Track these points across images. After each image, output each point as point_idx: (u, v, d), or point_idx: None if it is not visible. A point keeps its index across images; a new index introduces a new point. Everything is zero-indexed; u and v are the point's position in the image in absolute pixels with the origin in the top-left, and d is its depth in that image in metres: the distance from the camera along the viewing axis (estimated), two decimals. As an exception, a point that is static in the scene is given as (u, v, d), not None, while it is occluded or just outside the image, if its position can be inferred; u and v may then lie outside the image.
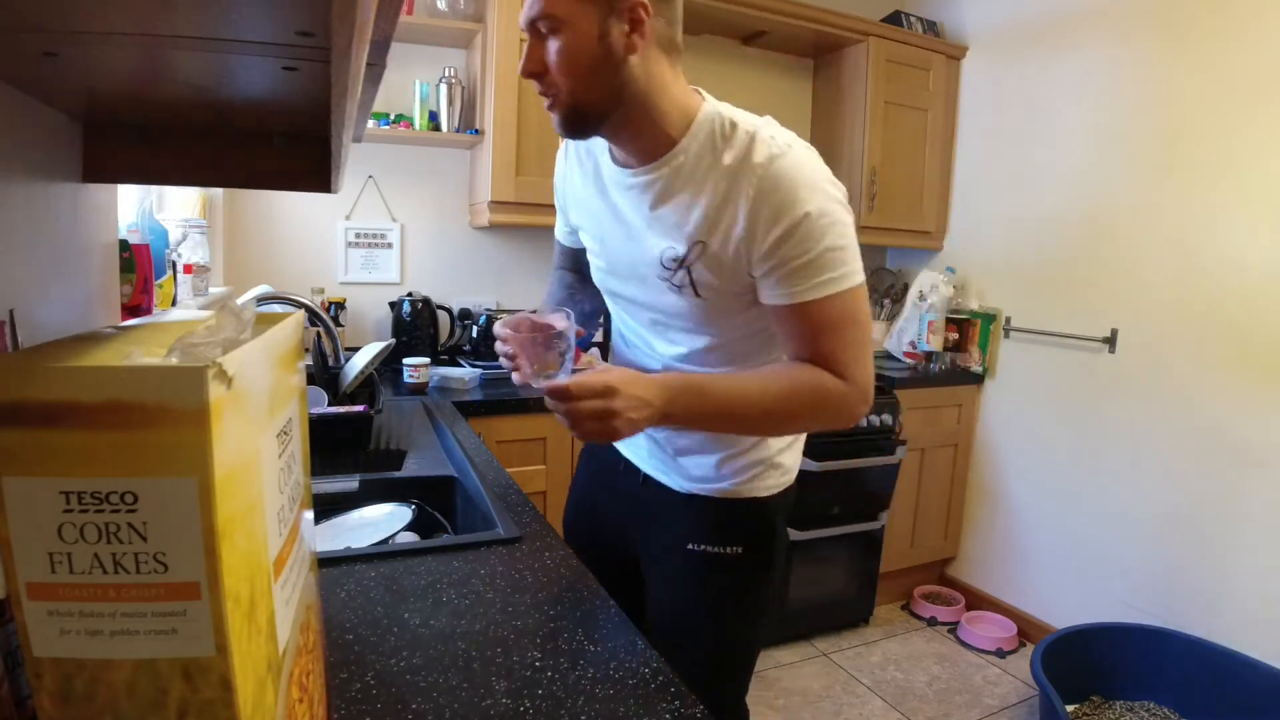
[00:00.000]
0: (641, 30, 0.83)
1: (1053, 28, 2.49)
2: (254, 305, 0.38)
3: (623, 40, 0.83)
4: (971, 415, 2.77)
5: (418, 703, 0.64)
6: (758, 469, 1.06)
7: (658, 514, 1.12)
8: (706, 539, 1.07)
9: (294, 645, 0.41)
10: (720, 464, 1.06)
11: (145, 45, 0.53)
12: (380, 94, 2.12)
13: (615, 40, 0.83)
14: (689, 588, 1.09)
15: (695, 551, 1.08)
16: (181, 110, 0.82)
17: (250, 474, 0.33)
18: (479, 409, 1.91)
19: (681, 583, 1.09)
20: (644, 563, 1.16)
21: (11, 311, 0.68)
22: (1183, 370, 2.15)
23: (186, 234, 1.63)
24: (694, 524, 1.08)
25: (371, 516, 1.20)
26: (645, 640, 0.76)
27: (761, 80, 2.85)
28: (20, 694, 0.46)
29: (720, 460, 1.06)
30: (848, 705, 2.15)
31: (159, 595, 0.30)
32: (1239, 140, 2.00)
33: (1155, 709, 2.02)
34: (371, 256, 2.37)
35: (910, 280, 2.96)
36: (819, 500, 2.37)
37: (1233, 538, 2.03)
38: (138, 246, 1.14)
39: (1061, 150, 2.47)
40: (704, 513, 1.08)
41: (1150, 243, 2.22)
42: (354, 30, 0.41)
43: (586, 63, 0.83)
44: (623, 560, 1.18)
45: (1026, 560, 2.60)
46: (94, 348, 0.32)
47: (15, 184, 0.72)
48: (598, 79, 0.84)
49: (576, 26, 0.82)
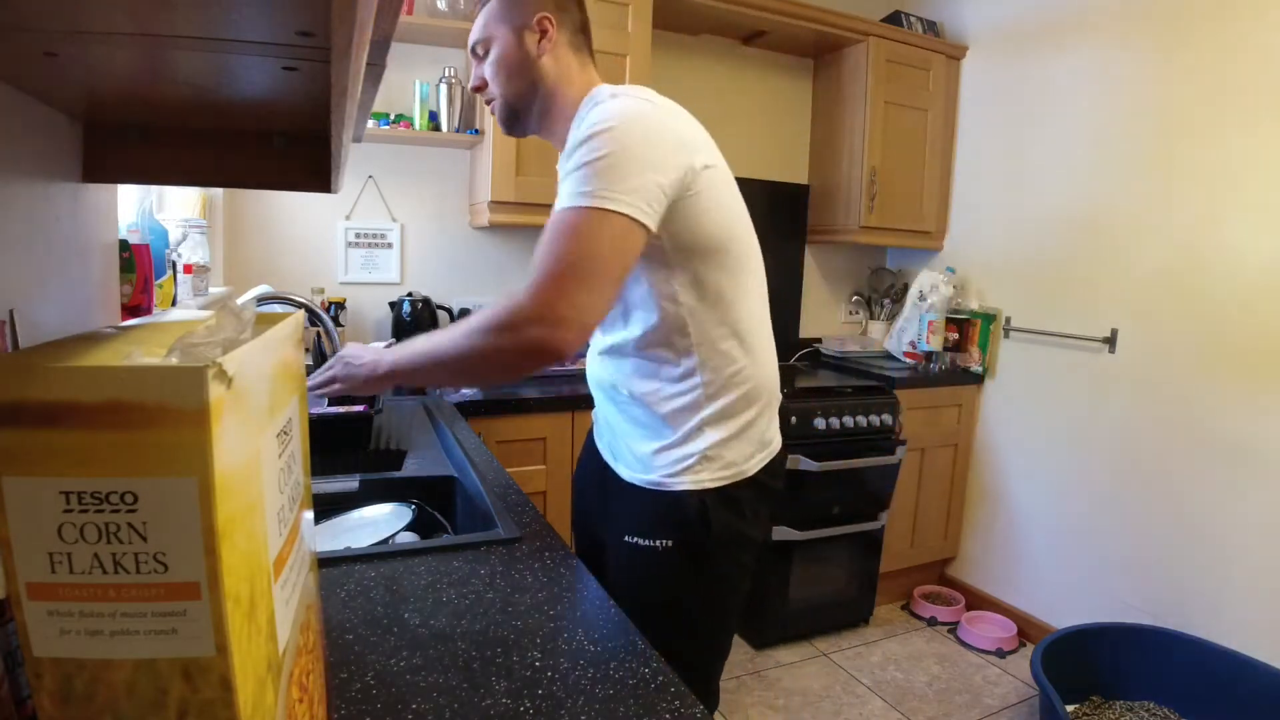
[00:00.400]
0: (549, 37, 1.07)
1: (1052, 28, 2.49)
2: (254, 305, 0.38)
3: (534, 46, 1.07)
4: (971, 415, 2.77)
5: (418, 703, 0.64)
6: (689, 461, 1.04)
7: (609, 502, 1.13)
8: (638, 531, 1.07)
9: (294, 645, 0.41)
10: (655, 454, 1.06)
11: (145, 45, 0.53)
12: (380, 94, 2.12)
13: (529, 46, 1.07)
14: (624, 579, 1.08)
15: (629, 544, 1.07)
16: (181, 110, 0.82)
17: (250, 474, 0.33)
18: (479, 409, 1.91)
19: (620, 573, 1.09)
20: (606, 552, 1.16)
21: (11, 311, 0.68)
22: (1183, 370, 2.15)
23: (186, 234, 1.63)
24: (631, 515, 1.08)
25: (371, 516, 1.20)
26: (645, 640, 0.76)
27: (761, 80, 2.85)
28: (20, 694, 0.46)
29: (655, 450, 1.06)
30: (848, 705, 2.15)
31: (159, 595, 0.30)
32: (1239, 140, 2.00)
33: (1155, 709, 2.02)
34: (371, 256, 2.37)
35: (910, 280, 2.97)
36: (819, 500, 2.37)
37: (1233, 538, 2.03)
38: (138, 246, 1.14)
39: (1061, 150, 2.47)
40: (638, 504, 1.07)
41: (1150, 243, 2.22)
42: (354, 30, 0.41)
43: (510, 66, 1.08)
44: (599, 546, 1.18)
45: (1026, 560, 2.60)
46: (94, 348, 0.32)
47: (15, 184, 0.72)
48: (519, 77, 1.08)
49: (502, 42, 1.07)
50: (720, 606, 1.11)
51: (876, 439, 2.44)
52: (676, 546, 1.05)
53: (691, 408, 1.03)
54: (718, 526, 1.05)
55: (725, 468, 1.05)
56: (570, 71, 1.09)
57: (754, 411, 1.07)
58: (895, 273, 3.13)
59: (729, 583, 1.10)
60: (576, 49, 1.10)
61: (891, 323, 2.98)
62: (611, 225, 0.89)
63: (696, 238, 0.98)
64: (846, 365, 2.85)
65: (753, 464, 1.08)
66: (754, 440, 1.08)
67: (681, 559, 1.05)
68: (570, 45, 1.09)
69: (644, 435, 1.07)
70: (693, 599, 1.07)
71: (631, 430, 1.09)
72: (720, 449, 1.04)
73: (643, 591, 1.05)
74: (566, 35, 1.08)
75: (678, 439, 1.04)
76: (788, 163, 2.95)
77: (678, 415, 1.04)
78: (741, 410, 1.05)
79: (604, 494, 1.16)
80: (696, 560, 1.06)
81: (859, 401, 2.42)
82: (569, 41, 1.09)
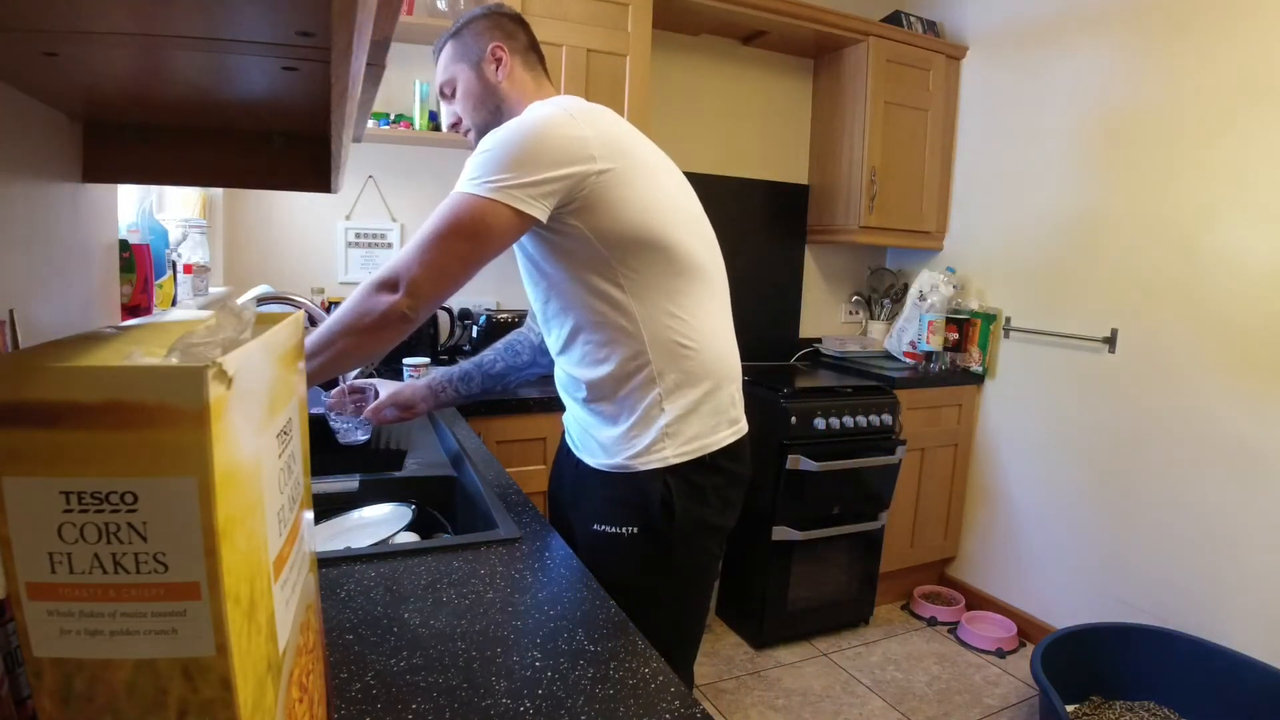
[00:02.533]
0: (504, 63, 1.18)
1: (1053, 28, 2.49)
2: (254, 305, 0.38)
3: (493, 74, 1.18)
4: (971, 415, 2.77)
5: (418, 703, 0.64)
6: (650, 437, 1.07)
7: (578, 491, 1.16)
8: (605, 518, 1.09)
9: (294, 645, 0.41)
10: (619, 438, 1.09)
11: (145, 45, 0.53)
12: (380, 94, 2.12)
13: (489, 76, 1.18)
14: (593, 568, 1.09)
15: (597, 531, 1.10)
16: (181, 110, 0.82)
17: (250, 474, 0.33)
18: (479, 409, 1.91)
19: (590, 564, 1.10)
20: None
21: (11, 311, 0.68)
22: (1183, 370, 2.15)
23: (186, 234, 1.63)
24: (596, 502, 1.11)
25: (371, 516, 1.20)
26: (645, 640, 0.76)
27: (761, 80, 2.85)
28: (20, 694, 0.46)
29: (619, 435, 1.09)
30: (848, 705, 2.15)
31: (159, 595, 0.30)
32: (1239, 140, 2.00)
33: (1155, 709, 2.02)
34: (371, 256, 2.37)
35: (910, 280, 2.97)
36: (819, 500, 2.37)
37: (1233, 537, 2.03)
38: (138, 246, 1.14)
39: (1061, 150, 2.47)
40: (603, 490, 1.10)
41: (1150, 243, 2.22)
42: (354, 30, 0.41)
43: (475, 97, 1.19)
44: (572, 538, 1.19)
45: (1026, 560, 2.60)
46: (94, 348, 0.32)
47: (15, 184, 0.72)
48: (484, 105, 1.19)
49: (464, 78, 1.19)
50: (687, 593, 1.14)
51: (876, 439, 2.44)
52: (641, 533, 1.08)
53: (644, 385, 1.07)
54: (681, 513, 1.08)
55: (687, 442, 1.08)
56: (526, 88, 1.20)
57: (709, 384, 1.11)
58: (895, 273, 3.13)
59: (695, 570, 1.13)
60: (530, 66, 1.21)
61: (891, 323, 2.98)
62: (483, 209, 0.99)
63: (622, 230, 1.04)
64: (846, 365, 2.85)
65: (718, 438, 1.11)
66: (715, 414, 1.12)
67: (646, 546, 1.08)
68: (524, 65, 1.20)
69: (606, 422, 1.11)
70: (659, 585, 1.09)
71: (594, 420, 1.12)
72: (680, 424, 1.08)
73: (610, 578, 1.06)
74: (519, 58, 1.20)
75: (637, 419, 1.08)
76: (788, 163, 2.95)
77: (633, 395, 1.08)
78: (696, 383, 1.09)
79: (574, 487, 1.18)
80: (661, 547, 1.08)
81: (859, 401, 2.42)
82: (522, 62, 1.20)
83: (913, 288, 2.84)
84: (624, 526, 1.08)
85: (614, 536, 1.08)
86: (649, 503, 1.07)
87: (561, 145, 1.01)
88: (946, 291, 2.73)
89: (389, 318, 0.99)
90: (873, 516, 2.50)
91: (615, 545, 1.08)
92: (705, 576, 1.15)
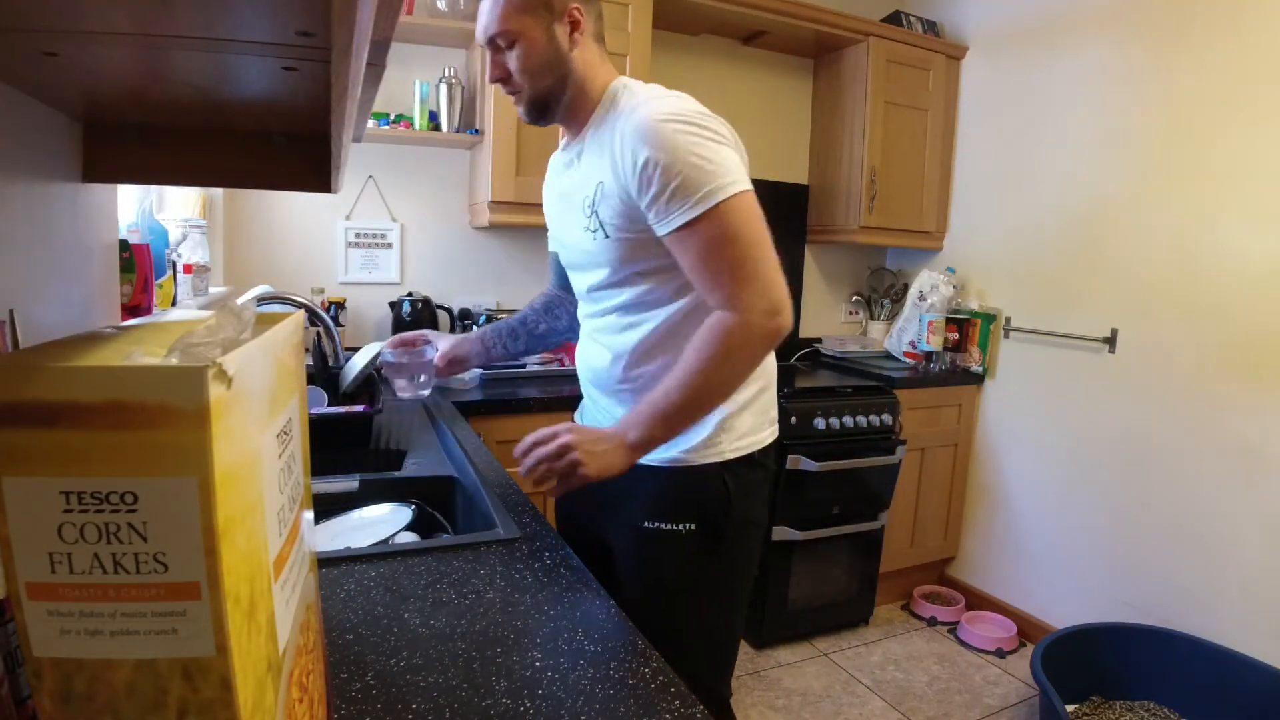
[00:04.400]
0: (580, 28, 1.04)
1: (1053, 28, 2.49)
2: (254, 305, 0.38)
3: (566, 39, 1.03)
4: (971, 415, 2.77)
5: (418, 703, 0.64)
6: (707, 431, 1.06)
7: (616, 491, 1.12)
8: (659, 516, 1.07)
9: (294, 645, 0.41)
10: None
11: (145, 45, 0.53)
12: (380, 94, 2.12)
13: (560, 40, 1.03)
14: (644, 568, 1.08)
15: (649, 530, 1.08)
16: (181, 110, 0.82)
17: (250, 474, 0.33)
18: (479, 409, 1.91)
19: (638, 563, 1.09)
20: (610, 542, 1.16)
21: (11, 311, 0.68)
22: (1183, 370, 2.15)
23: (186, 234, 1.63)
24: (647, 499, 1.09)
25: (371, 516, 1.20)
26: (645, 640, 0.76)
27: (761, 80, 2.84)
28: (20, 694, 0.46)
29: None
30: (848, 705, 2.15)
31: (159, 595, 0.30)
32: (1239, 140, 2.00)
33: (1155, 709, 2.02)
34: (371, 256, 2.37)
35: (910, 280, 2.97)
36: (819, 500, 2.37)
37: (1233, 538, 2.03)
38: (138, 246, 1.14)
39: (1062, 150, 2.47)
40: (656, 487, 1.08)
41: (1150, 243, 2.22)
42: (354, 30, 0.41)
43: (541, 62, 1.03)
44: (594, 541, 1.18)
45: (1026, 560, 2.60)
46: (94, 348, 0.32)
47: (15, 184, 0.72)
48: (551, 72, 1.04)
49: (529, 35, 1.02)
50: (742, 589, 1.14)
51: (876, 439, 2.44)
52: (699, 529, 1.06)
53: None
54: (736, 508, 1.08)
55: (740, 438, 1.09)
56: (595, 63, 1.08)
57: (762, 382, 1.11)
58: (895, 273, 3.13)
59: (748, 565, 1.14)
60: (599, 39, 1.09)
61: (891, 323, 2.98)
62: (745, 203, 0.97)
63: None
64: (846, 365, 2.85)
65: (763, 436, 1.12)
66: (762, 412, 1.12)
67: (704, 541, 1.07)
68: (594, 35, 1.08)
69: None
70: (717, 581, 1.09)
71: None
72: (733, 420, 1.08)
73: (662, 575, 1.07)
74: (592, 25, 1.07)
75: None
76: (788, 163, 2.95)
77: None
78: (751, 381, 1.08)
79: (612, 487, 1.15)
80: (719, 543, 1.07)
81: (859, 401, 2.42)
82: (594, 31, 1.07)
83: (913, 288, 2.84)
84: (681, 523, 1.06)
85: (669, 534, 1.07)
86: (707, 498, 1.06)
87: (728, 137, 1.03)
88: (946, 291, 2.73)
89: (773, 339, 0.98)
90: (873, 516, 2.50)
91: (671, 542, 1.07)
92: (753, 571, 1.16)
